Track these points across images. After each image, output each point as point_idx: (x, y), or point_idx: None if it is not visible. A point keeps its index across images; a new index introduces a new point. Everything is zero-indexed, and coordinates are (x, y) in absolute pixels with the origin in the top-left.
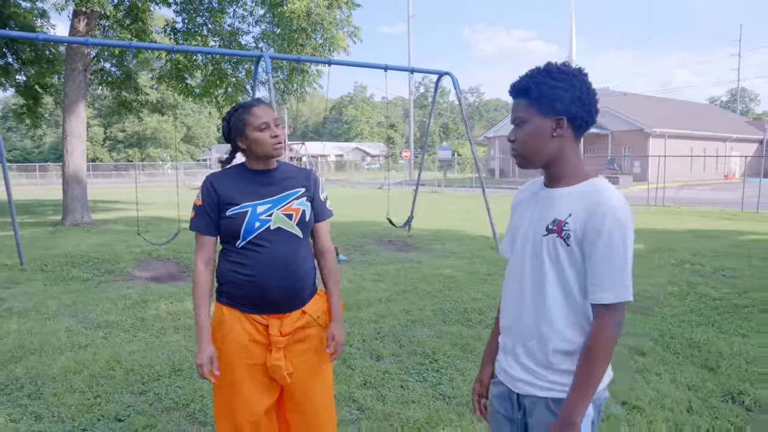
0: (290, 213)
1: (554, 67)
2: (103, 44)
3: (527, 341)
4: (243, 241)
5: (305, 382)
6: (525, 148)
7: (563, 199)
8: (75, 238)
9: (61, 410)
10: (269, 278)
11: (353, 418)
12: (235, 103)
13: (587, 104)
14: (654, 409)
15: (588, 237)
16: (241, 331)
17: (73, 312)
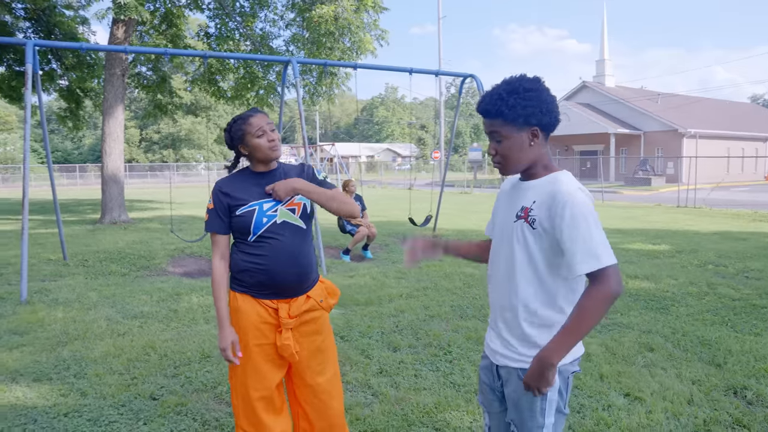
0: (293, 207)
1: (518, 85)
2: (140, 51)
3: (504, 313)
4: (254, 235)
5: (312, 360)
6: (508, 160)
7: (531, 190)
8: (113, 236)
9: (103, 388)
10: (280, 266)
11: (367, 402)
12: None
13: (552, 111)
14: (655, 401)
15: (554, 222)
16: (254, 315)
17: (112, 303)
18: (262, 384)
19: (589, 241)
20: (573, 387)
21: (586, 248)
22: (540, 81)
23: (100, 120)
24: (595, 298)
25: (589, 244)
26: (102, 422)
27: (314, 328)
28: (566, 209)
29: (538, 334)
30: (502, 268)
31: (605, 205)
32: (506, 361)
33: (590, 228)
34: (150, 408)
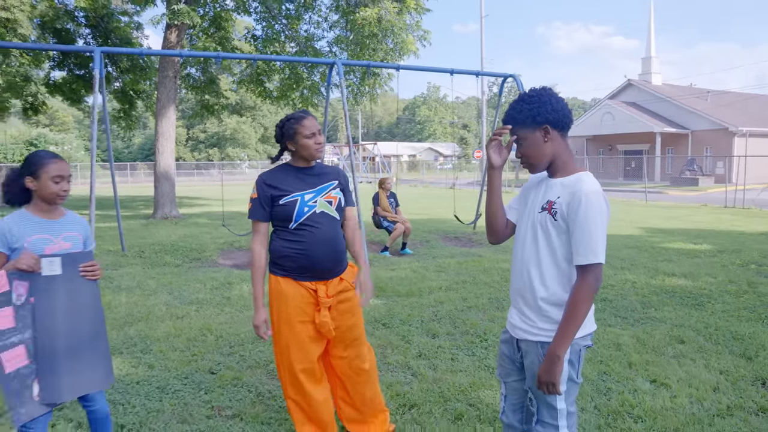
0: (330, 200)
1: (524, 95)
2: (195, 55)
3: (525, 293)
4: (295, 223)
5: (347, 334)
6: (531, 158)
7: (556, 187)
8: (165, 230)
9: (167, 362)
10: (319, 251)
11: (407, 381)
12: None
13: (558, 110)
14: (680, 387)
15: (570, 215)
16: (296, 295)
17: (169, 290)
18: (305, 357)
19: (590, 239)
20: (602, 373)
21: (586, 244)
22: (543, 89)
23: (149, 120)
24: (581, 294)
25: (589, 242)
26: (169, 390)
27: (348, 306)
28: (581, 207)
29: (554, 310)
30: (526, 252)
31: (648, 206)
32: (526, 335)
33: (597, 228)
34: (209, 380)
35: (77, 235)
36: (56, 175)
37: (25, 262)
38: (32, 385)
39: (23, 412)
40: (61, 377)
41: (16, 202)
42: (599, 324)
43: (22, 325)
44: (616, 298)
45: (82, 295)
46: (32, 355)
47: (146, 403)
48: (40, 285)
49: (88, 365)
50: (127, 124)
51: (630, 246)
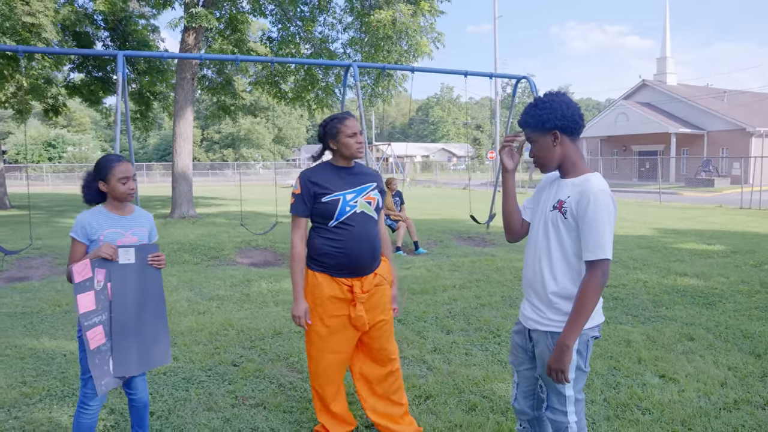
0: (370, 200)
1: (538, 100)
2: (213, 58)
3: (536, 286)
4: (335, 221)
5: (378, 326)
6: (541, 159)
7: (566, 187)
8: (183, 229)
9: (191, 355)
10: (358, 250)
11: (422, 374)
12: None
13: (568, 116)
14: (688, 382)
15: (579, 214)
16: (332, 291)
17: (190, 287)
18: (336, 349)
19: (598, 236)
20: (611, 368)
21: (594, 241)
22: (556, 94)
23: (164, 121)
24: (590, 288)
25: (598, 238)
26: (194, 381)
27: (380, 299)
28: (589, 206)
29: (563, 303)
30: (538, 248)
31: (662, 207)
32: (537, 325)
33: (604, 225)
34: (232, 372)
35: (144, 230)
36: (122, 177)
37: (106, 251)
38: (108, 360)
39: (104, 383)
40: (131, 353)
41: (94, 201)
42: (610, 322)
43: (101, 307)
44: (627, 297)
45: (149, 282)
46: (109, 335)
47: (173, 392)
48: (116, 272)
49: (153, 343)
50: (143, 125)
51: (643, 246)
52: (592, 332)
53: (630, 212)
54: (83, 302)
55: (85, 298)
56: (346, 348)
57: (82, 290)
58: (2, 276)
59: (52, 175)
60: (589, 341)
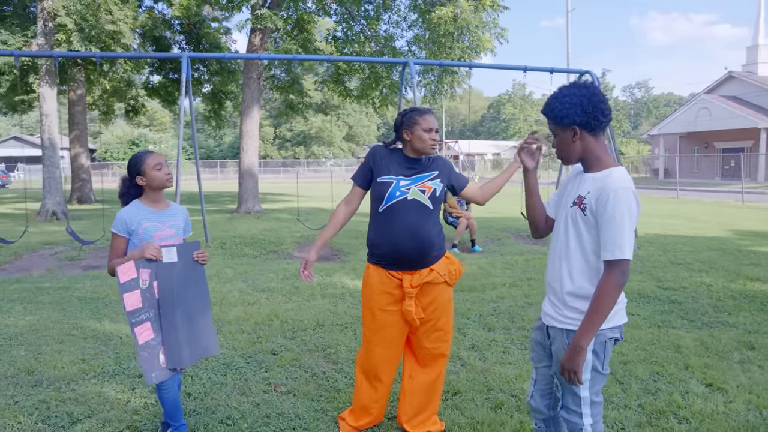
0: (424, 189)
1: (561, 92)
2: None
3: (554, 283)
4: (385, 205)
5: (431, 326)
6: (561, 152)
7: (588, 182)
8: (247, 224)
9: (234, 343)
10: (402, 238)
11: (455, 370)
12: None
13: (589, 112)
14: (738, 392)
15: (598, 210)
16: (383, 284)
17: (244, 279)
18: (385, 341)
19: (617, 235)
20: (654, 373)
21: (612, 239)
22: (580, 86)
23: (238, 120)
24: (607, 288)
25: (616, 237)
26: (233, 366)
27: (436, 298)
28: (609, 202)
29: (580, 302)
30: (558, 244)
31: (744, 207)
32: (554, 322)
33: (623, 223)
34: (270, 360)
35: (179, 223)
36: (156, 164)
37: (150, 252)
38: (159, 354)
39: (154, 375)
40: (181, 346)
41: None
42: (662, 326)
43: (148, 304)
44: (686, 301)
45: (193, 278)
46: (158, 330)
47: (212, 376)
48: (161, 270)
49: (200, 335)
50: (216, 124)
51: (713, 248)
52: (612, 333)
53: (705, 212)
54: (129, 300)
55: (131, 297)
56: (395, 344)
57: (128, 289)
58: (81, 264)
59: None
60: (607, 342)
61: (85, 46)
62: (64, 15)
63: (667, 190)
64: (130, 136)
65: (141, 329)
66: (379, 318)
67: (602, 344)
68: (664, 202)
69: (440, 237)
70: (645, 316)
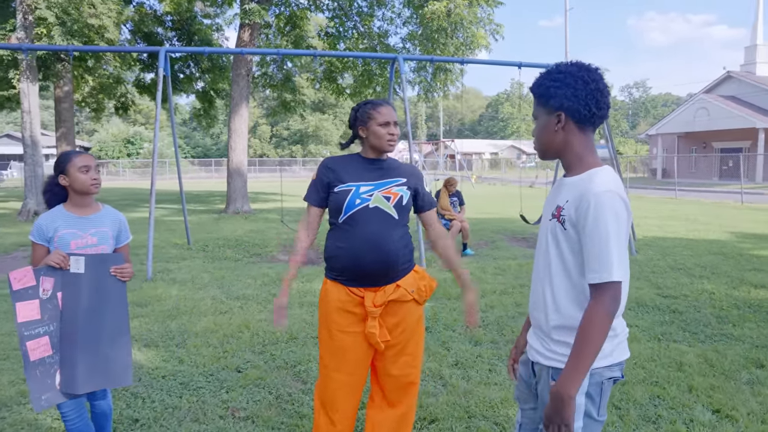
0: (389, 195)
1: (555, 68)
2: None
3: (538, 313)
4: (344, 215)
5: (399, 350)
6: (538, 141)
7: (567, 188)
8: (234, 225)
9: (197, 358)
10: (363, 252)
11: (435, 391)
12: None
13: (581, 98)
14: (750, 421)
15: (579, 222)
16: (342, 302)
17: (220, 285)
18: (344, 367)
19: (602, 252)
20: (654, 396)
21: (597, 258)
22: (580, 66)
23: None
24: (594, 319)
25: (602, 254)
26: (191, 386)
27: (403, 318)
28: (590, 212)
29: (569, 334)
30: (540, 266)
31: (743, 208)
32: (539, 357)
33: (609, 237)
34: (234, 379)
35: (106, 230)
36: (82, 166)
37: (54, 259)
38: (55, 374)
39: (44, 398)
40: (77, 368)
41: (56, 204)
42: (662, 339)
43: (48, 317)
44: (687, 310)
45: (106, 294)
46: (56, 347)
47: (166, 398)
48: (67, 281)
49: (106, 362)
50: (206, 122)
51: (714, 252)
52: (611, 372)
53: (705, 213)
54: (23, 311)
55: (26, 306)
56: (356, 371)
57: (22, 298)
58: None
59: (130, 171)
60: (605, 384)
61: (67, 40)
62: (44, 8)
63: (666, 190)
64: (125, 134)
65: (35, 344)
66: (337, 340)
67: (598, 385)
68: (662, 203)
69: (408, 249)
70: (644, 327)
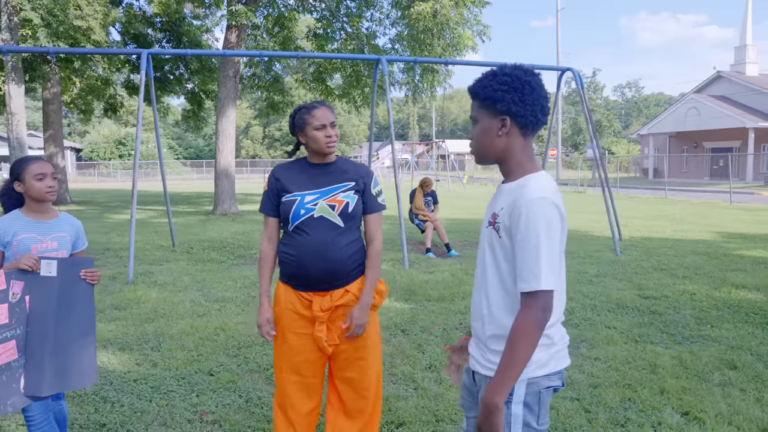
0: (333, 204)
1: (501, 70)
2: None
3: (476, 321)
4: (291, 225)
5: (350, 354)
6: (477, 145)
7: (502, 195)
8: (220, 226)
9: (171, 362)
10: (309, 260)
11: (406, 395)
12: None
13: (528, 103)
14: (717, 423)
15: (512, 230)
16: (293, 304)
17: (200, 287)
18: (295, 368)
19: (532, 260)
20: (625, 399)
21: (528, 265)
22: (526, 71)
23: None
24: (522, 328)
25: (531, 262)
26: (162, 390)
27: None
28: (521, 220)
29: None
30: (478, 275)
31: (732, 208)
32: (478, 366)
33: (540, 245)
34: (205, 382)
35: (65, 235)
36: (38, 173)
37: (26, 262)
38: (20, 378)
39: (9, 403)
40: (44, 373)
41: (13, 209)
42: (639, 341)
43: (16, 321)
44: (667, 311)
45: (74, 298)
46: (22, 350)
47: (135, 402)
48: (37, 284)
49: (72, 364)
50: (195, 124)
51: (698, 252)
52: (549, 381)
53: (693, 214)
54: None
55: None
56: (308, 373)
57: None
58: None
59: (122, 172)
60: (543, 393)
61: (53, 42)
62: (29, 9)
63: (656, 189)
64: (116, 135)
65: (2, 348)
66: (288, 341)
67: (536, 395)
68: (651, 203)
69: (357, 255)
70: (622, 329)
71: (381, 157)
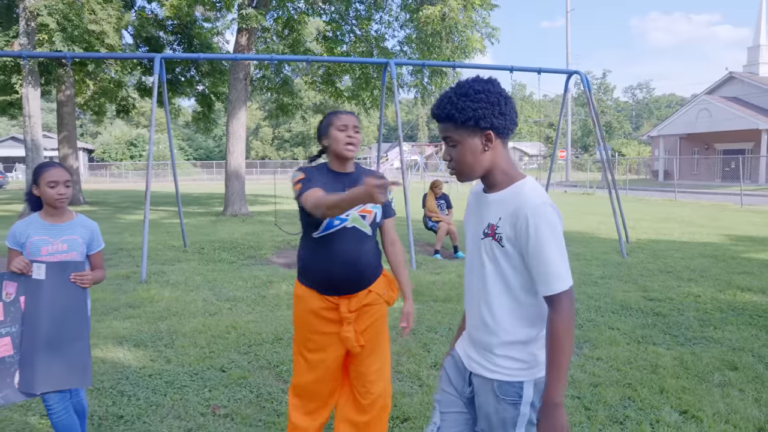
0: (365, 214)
1: (469, 88)
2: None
3: (478, 330)
4: (321, 233)
5: (368, 351)
6: (462, 166)
7: (495, 204)
8: (231, 227)
9: (184, 358)
10: (339, 269)
11: (411, 392)
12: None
13: (506, 113)
14: (714, 422)
15: (519, 240)
16: (318, 306)
17: (212, 287)
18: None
19: (551, 264)
20: (625, 398)
21: (548, 271)
22: (493, 83)
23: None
24: (561, 325)
25: (551, 267)
26: (176, 385)
27: (374, 320)
28: (529, 228)
29: (516, 349)
30: (475, 285)
31: (742, 210)
32: (482, 370)
33: (552, 249)
34: (217, 378)
35: (77, 238)
36: (50, 181)
37: (17, 265)
38: (14, 373)
39: (1, 396)
40: (37, 370)
41: (37, 210)
42: (641, 342)
43: (11, 319)
44: (671, 313)
45: (67, 300)
46: (17, 347)
47: (150, 396)
48: (30, 286)
49: (64, 364)
50: (205, 126)
51: (706, 255)
52: None
53: (703, 216)
54: None
55: None
56: (329, 370)
57: None
58: None
59: (133, 173)
60: None
61: (68, 46)
62: (45, 14)
63: (666, 192)
64: (128, 136)
65: None
66: (313, 341)
67: (541, 394)
68: (660, 205)
69: (378, 257)
70: (625, 331)
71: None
